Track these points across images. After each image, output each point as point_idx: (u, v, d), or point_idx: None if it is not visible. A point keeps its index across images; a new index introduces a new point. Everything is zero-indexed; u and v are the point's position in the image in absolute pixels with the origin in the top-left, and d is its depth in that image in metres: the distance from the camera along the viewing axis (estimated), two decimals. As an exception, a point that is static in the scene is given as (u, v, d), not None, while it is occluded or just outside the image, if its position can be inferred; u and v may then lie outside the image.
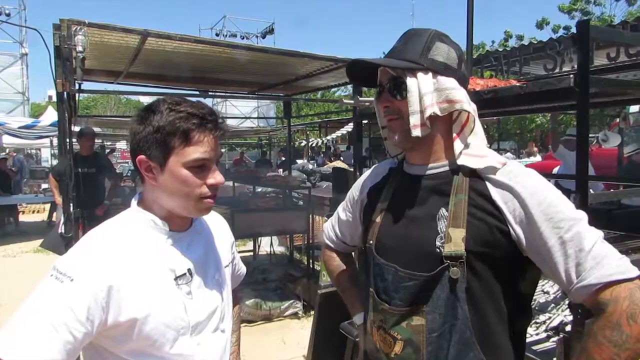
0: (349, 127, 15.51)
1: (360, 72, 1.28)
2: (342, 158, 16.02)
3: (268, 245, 6.95)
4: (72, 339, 0.97)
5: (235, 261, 1.50)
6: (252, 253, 6.80)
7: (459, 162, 1.14)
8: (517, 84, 2.06)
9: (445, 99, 1.13)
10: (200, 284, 1.20)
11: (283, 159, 16.88)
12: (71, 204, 3.37)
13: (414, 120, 1.13)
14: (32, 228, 10.79)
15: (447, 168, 1.17)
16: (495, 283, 1.10)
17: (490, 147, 1.20)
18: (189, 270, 1.17)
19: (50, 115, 12.75)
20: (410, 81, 1.13)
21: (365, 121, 3.79)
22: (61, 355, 0.96)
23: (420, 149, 1.20)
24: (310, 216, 5.64)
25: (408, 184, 1.23)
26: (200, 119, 1.10)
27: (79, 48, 2.96)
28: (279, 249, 7.37)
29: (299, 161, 16.59)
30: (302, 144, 20.24)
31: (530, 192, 1.06)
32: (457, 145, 1.15)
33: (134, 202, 1.21)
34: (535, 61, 3.50)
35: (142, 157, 1.11)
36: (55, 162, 13.03)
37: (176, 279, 1.14)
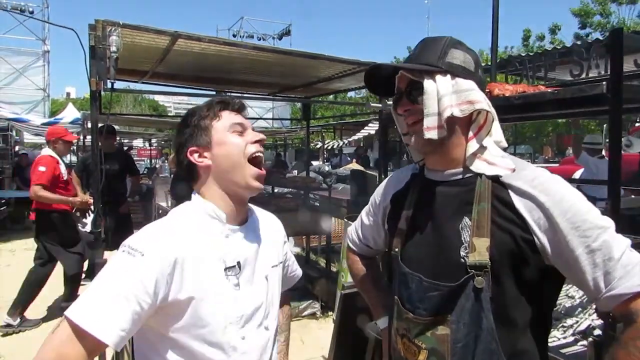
0: (369, 128, 15.49)
1: (377, 81, 1.29)
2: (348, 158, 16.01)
3: (284, 245, 6.97)
4: (139, 309, 1.06)
5: (288, 262, 1.53)
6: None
7: (473, 167, 1.15)
8: (549, 90, 2.08)
9: (465, 100, 1.12)
10: (248, 278, 1.25)
11: (294, 162, 16.90)
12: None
13: (429, 122, 1.13)
14: (51, 223, 10.96)
15: (468, 174, 1.17)
16: (519, 292, 1.09)
17: (506, 150, 1.21)
18: (238, 263, 1.23)
19: (71, 112, 12.95)
20: (427, 83, 1.13)
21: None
22: (128, 324, 1.04)
23: (440, 153, 1.19)
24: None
25: (430, 190, 1.22)
26: (223, 101, 1.30)
27: (113, 48, 3.04)
28: (294, 250, 7.42)
29: (315, 162, 16.65)
30: (318, 146, 20.30)
31: (554, 201, 1.04)
32: (471, 146, 1.15)
33: (194, 195, 1.29)
34: (560, 66, 3.50)
35: (191, 147, 1.25)
36: (74, 158, 13.21)
37: (226, 269, 1.20)
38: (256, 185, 1.26)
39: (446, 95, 1.12)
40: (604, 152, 6.27)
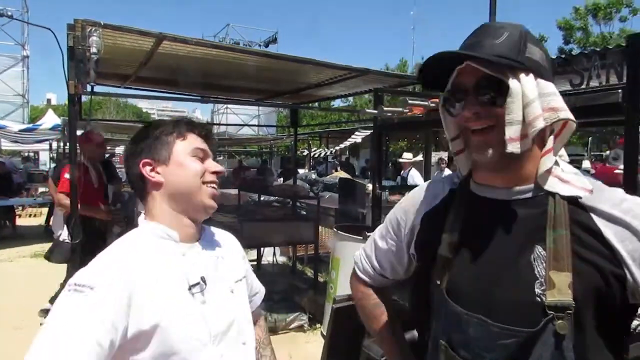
0: (356, 137, 15.43)
1: (426, 72, 1.03)
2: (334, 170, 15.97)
3: (270, 254, 6.83)
4: (99, 349, 0.95)
5: (250, 280, 1.43)
6: (255, 263, 6.67)
7: (547, 185, 0.96)
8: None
9: (547, 107, 0.93)
10: (215, 294, 1.19)
11: (280, 170, 16.80)
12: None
13: (512, 132, 0.92)
14: (29, 232, 10.63)
15: (539, 192, 0.98)
16: (601, 337, 0.92)
17: None
18: (202, 278, 1.16)
19: (51, 118, 12.62)
20: (513, 83, 0.91)
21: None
22: None
23: (512, 169, 0.98)
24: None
25: (485, 211, 1.02)
26: (188, 123, 1.26)
27: (93, 49, 2.87)
28: (280, 259, 7.26)
29: (301, 170, 16.53)
30: (304, 154, 20.21)
31: None
32: (548, 160, 0.96)
33: (141, 218, 1.23)
34: (557, 76, 3.42)
35: (146, 160, 1.19)
36: (54, 165, 12.87)
37: (190, 288, 1.13)
38: (211, 204, 1.23)
39: (535, 101, 0.92)
40: (589, 164, 6.27)
